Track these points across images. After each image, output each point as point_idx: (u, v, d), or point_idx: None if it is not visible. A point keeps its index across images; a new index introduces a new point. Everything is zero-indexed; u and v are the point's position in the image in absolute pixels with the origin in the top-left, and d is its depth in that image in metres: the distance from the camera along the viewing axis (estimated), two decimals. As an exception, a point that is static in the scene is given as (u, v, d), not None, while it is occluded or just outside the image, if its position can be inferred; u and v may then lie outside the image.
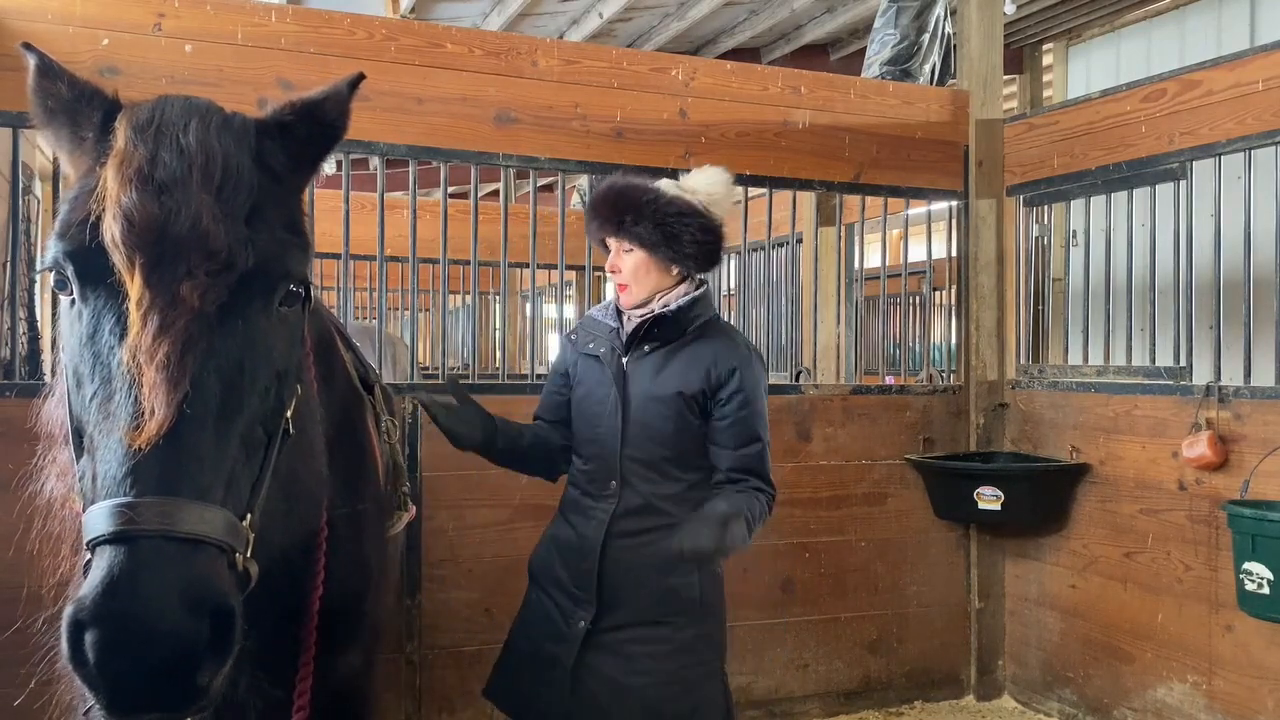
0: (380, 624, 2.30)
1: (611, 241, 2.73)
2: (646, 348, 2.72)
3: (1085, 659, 4.36)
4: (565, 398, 2.87)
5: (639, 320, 2.72)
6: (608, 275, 2.83)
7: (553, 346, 11.27)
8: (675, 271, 2.72)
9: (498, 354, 9.13)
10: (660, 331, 2.71)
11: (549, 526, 2.90)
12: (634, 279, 2.70)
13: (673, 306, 2.70)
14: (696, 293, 2.75)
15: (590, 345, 2.81)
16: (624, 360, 2.74)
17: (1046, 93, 8.22)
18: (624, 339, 2.75)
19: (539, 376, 4.58)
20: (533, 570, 2.87)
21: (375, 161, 4.00)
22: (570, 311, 9.10)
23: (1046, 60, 8.19)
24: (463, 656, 3.95)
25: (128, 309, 1.38)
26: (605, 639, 2.65)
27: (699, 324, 2.73)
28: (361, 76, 1.71)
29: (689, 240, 2.67)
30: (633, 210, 2.66)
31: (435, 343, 8.21)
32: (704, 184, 2.78)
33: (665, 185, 2.75)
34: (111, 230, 1.40)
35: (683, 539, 2.41)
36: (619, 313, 2.81)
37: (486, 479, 3.97)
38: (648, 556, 2.63)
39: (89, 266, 1.43)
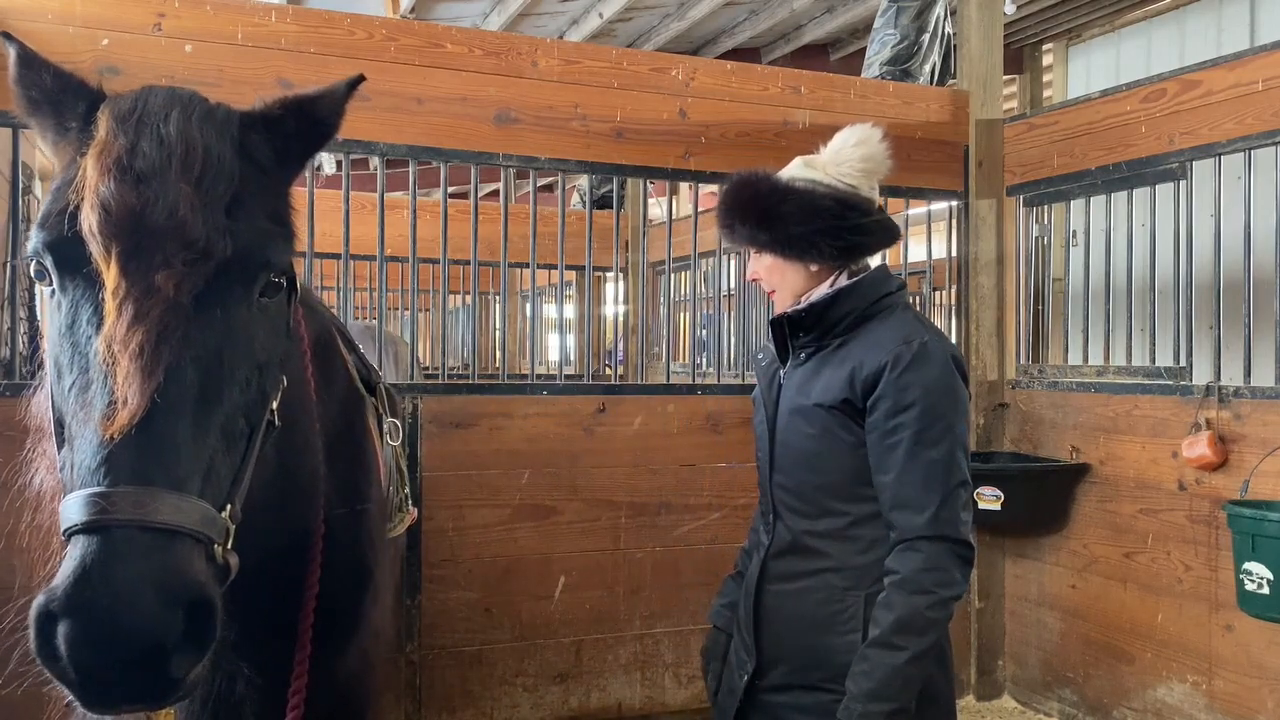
0: (380, 625, 2.30)
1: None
2: (803, 355, 2.35)
3: (1085, 659, 4.36)
4: None
5: (780, 325, 2.38)
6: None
7: (553, 347, 11.18)
8: (815, 269, 2.30)
9: (498, 354, 9.13)
10: (808, 336, 2.32)
11: None
12: (771, 283, 2.37)
13: (803, 305, 2.30)
14: (846, 284, 2.30)
15: (762, 360, 2.53)
16: (780, 372, 2.40)
17: (1046, 93, 8.22)
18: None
19: (539, 376, 4.58)
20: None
21: (375, 161, 4.00)
22: (570, 311, 9.10)
23: (1046, 60, 8.19)
24: (463, 656, 3.95)
25: (104, 298, 1.37)
26: (764, 699, 2.32)
27: (851, 319, 2.27)
28: (361, 78, 1.70)
29: (825, 231, 2.25)
30: (753, 216, 2.30)
31: (435, 343, 8.21)
32: (851, 156, 2.30)
33: (791, 170, 2.34)
34: (89, 219, 1.39)
35: None
36: None
37: (486, 479, 3.98)
38: (799, 606, 2.27)
39: (67, 256, 1.42)
